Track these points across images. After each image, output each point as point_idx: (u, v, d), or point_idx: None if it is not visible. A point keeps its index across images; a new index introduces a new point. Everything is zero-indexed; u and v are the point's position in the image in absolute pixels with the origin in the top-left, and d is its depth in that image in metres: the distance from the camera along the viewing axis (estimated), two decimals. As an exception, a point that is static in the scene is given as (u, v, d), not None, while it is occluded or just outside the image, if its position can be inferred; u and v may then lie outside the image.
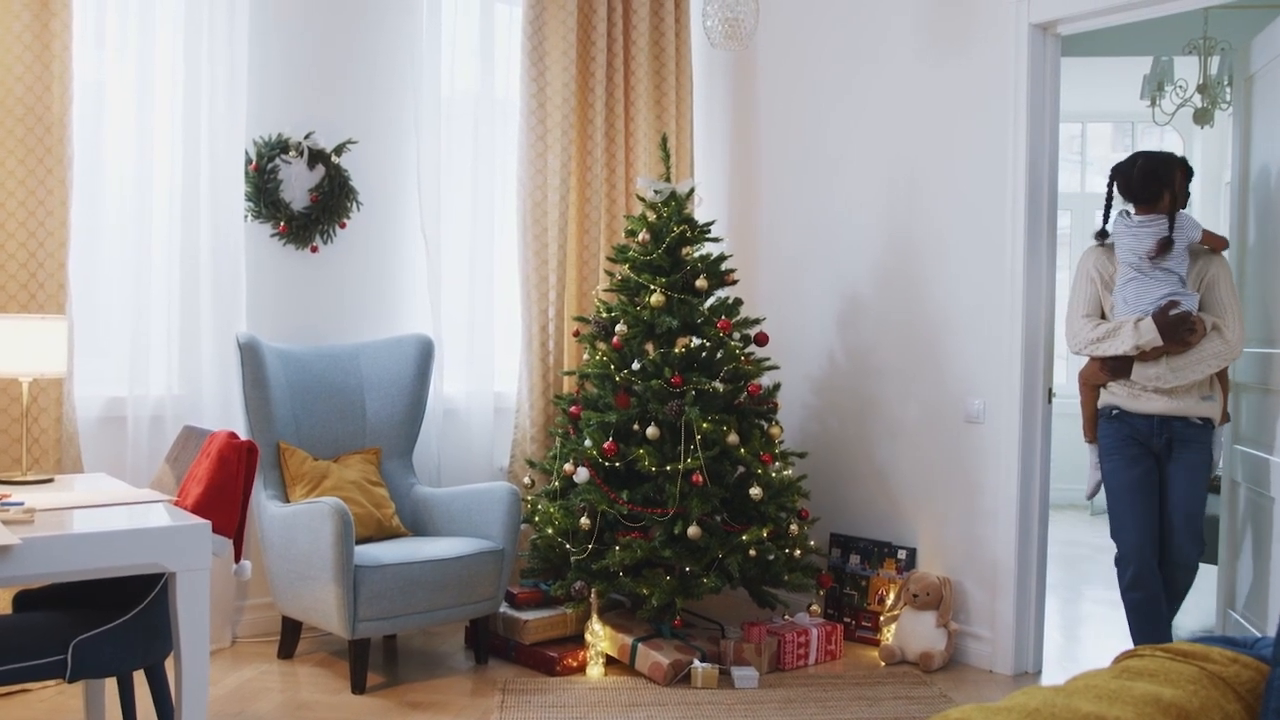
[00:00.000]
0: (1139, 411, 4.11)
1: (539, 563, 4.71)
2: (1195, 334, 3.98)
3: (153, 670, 3.12)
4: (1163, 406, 4.06)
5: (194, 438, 3.39)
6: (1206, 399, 4.07)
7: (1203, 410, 4.06)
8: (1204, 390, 4.08)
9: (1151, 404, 4.08)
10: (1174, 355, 4.01)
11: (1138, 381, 4.09)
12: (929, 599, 4.65)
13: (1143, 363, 4.06)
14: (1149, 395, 4.08)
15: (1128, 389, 4.13)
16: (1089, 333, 4.18)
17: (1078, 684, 1.60)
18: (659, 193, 4.82)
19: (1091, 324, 4.18)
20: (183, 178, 4.57)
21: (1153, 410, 4.08)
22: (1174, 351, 4.00)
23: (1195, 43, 6.34)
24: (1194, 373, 4.01)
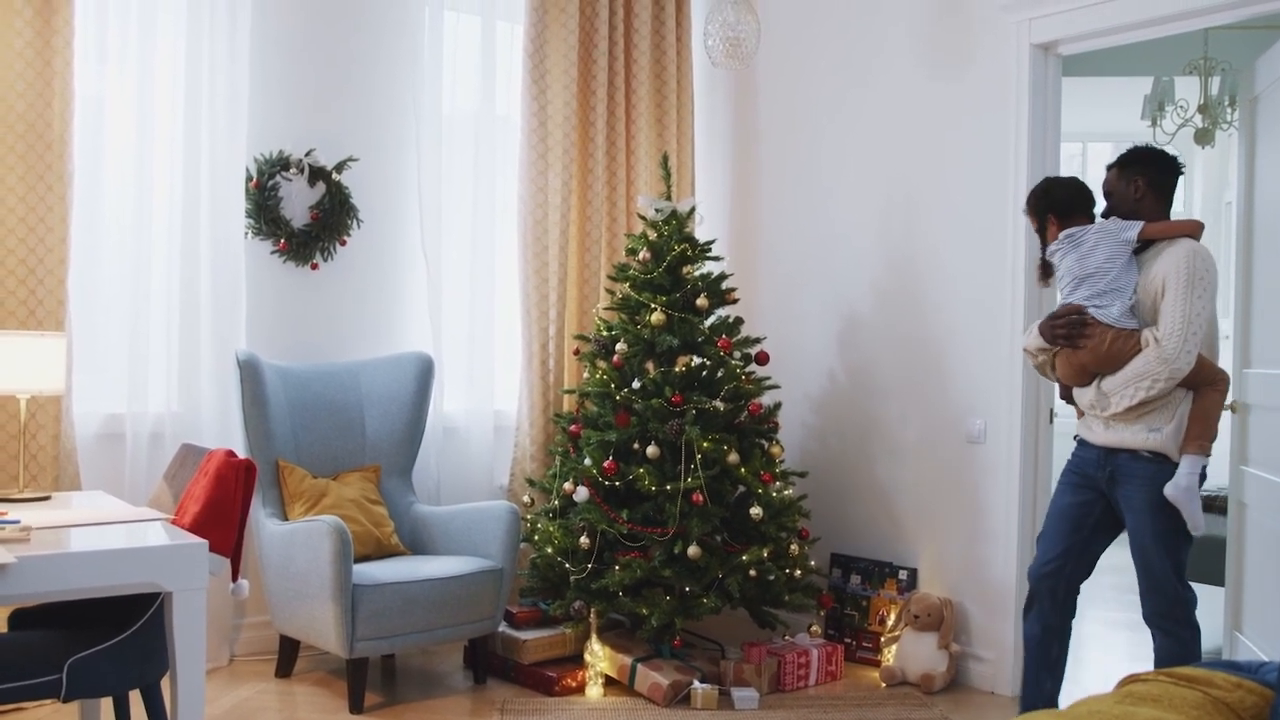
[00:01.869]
0: (1088, 440, 3.68)
1: (538, 582, 4.69)
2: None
3: (149, 690, 3.10)
4: (1101, 436, 3.59)
5: (192, 455, 3.38)
6: (1155, 431, 3.47)
7: (1149, 443, 3.47)
8: (1157, 420, 3.47)
9: (1094, 433, 3.64)
10: (1106, 376, 3.54)
11: (1083, 407, 3.69)
12: (930, 620, 4.62)
13: (1081, 388, 3.66)
14: (1096, 423, 3.63)
15: (1083, 416, 3.72)
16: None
17: (1080, 710, 1.59)
18: (660, 211, 4.82)
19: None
20: (183, 194, 4.56)
21: (1094, 440, 3.63)
22: (1105, 370, 3.54)
23: (1196, 63, 6.35)
24: (1125, 397, 3.48)
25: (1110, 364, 3.51)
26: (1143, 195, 3.65)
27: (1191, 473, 3.44)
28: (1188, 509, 3.44)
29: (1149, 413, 3.49)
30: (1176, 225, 3.59)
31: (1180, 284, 3.43)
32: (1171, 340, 3.41)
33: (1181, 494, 3.43)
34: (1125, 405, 3.48)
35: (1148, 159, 3.69)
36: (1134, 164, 3.68)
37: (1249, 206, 4.57)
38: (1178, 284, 3.43)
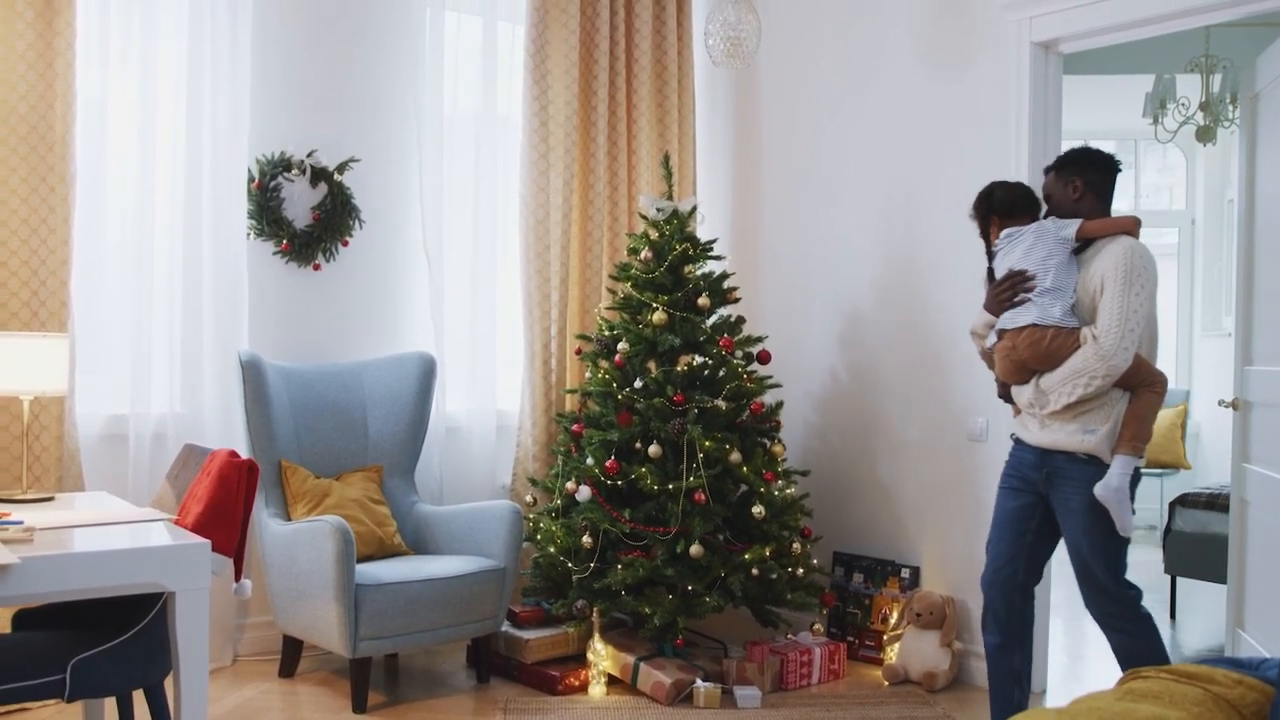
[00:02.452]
0: (1024, 440, 3.65)
1: (541, 581, 4.70)
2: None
3: (152, 690, 3.10)
4: (1037, 436, 3.56)
5: (195, 456, 3.38)
6: (1090, 433, 3.43)
7: (1084, 445, 3.43)
8: (1093, 421, 3.44)
9: (1030, 432, 3.60)
10: (1044, 374, 3.51)
11: (1022, 406, 3.65)
12: (932, 618, 4.63)
13: (1020, 385, 3.62)
14: (1033, 422, 3.59)
15: (1019, 415, 3.70)
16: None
17: (1081, 706, 1.59)
18: (661, 211, 4.82)
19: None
20: (185, 195, 4.57)
21: (1030, 440, 3.60)
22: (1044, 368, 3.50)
23: (1197, 61, 6.35)
24: (1062, 394, 3.44)
25: (1049, 361, 3.48)
26: (1081, 196, 3.63)
27: (1123, 473, 3.40)
28: (1116, 510, 3.40)
29: (1085, 412, 3.45)
30: (1114, 222, 3.58)
31: (1118, 281, 3.41)
32: (1109, 337, 3.39)
33: (1111, 494, 3.40)
34: (1063, 403, 3.45)
35: (1085, 160, 3.67)
36: (1071, 165, 3.66)
37: (1250, 204, 4.57)
38: (1115, 281, 3.42)
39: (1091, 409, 3.45)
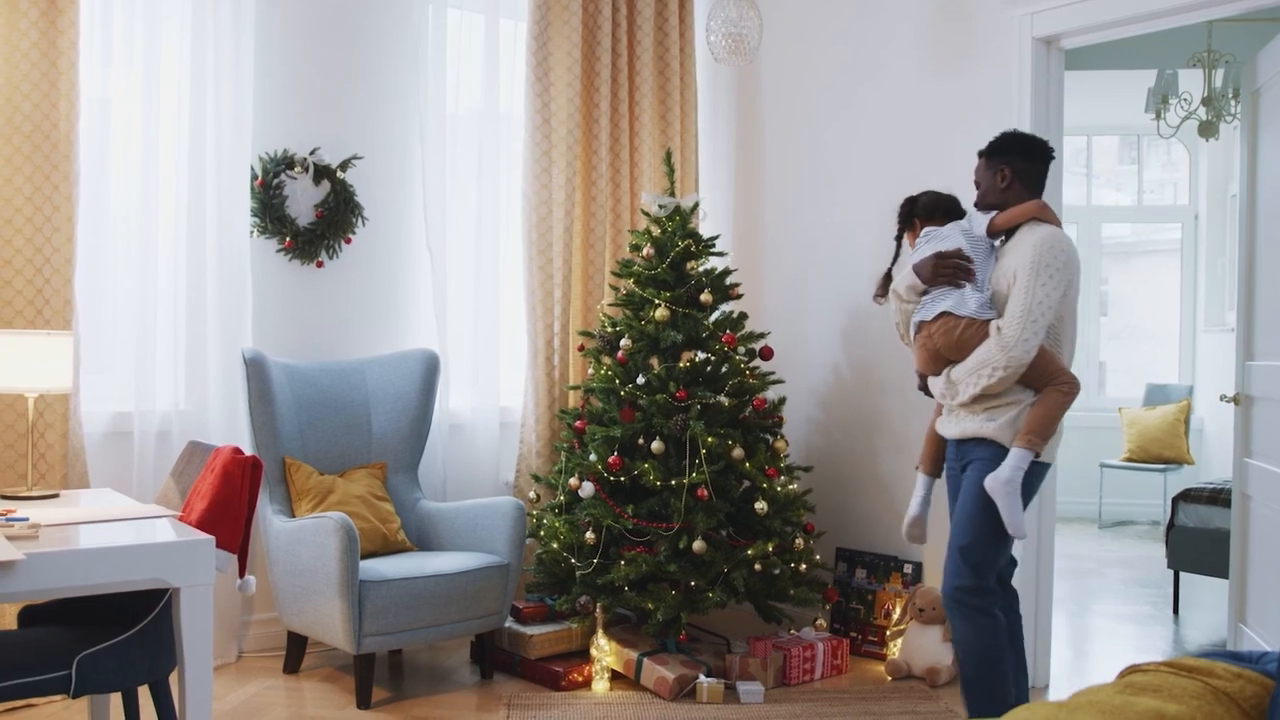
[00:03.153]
0: (943, 434, 3.66)
1: (544, 577, 4.71)
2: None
3: (157, 686, 3.12)
4: (952, 429, 3.57)
5: (199, 453, 3.40)
6: (992, 420, 3.42)
7: (985, 430, 3.42)
8: (997, 414, 3.42)
9: (947, 427, 3.62)
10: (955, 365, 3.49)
11: (937, 397, 3.64)
12: (935, 613, 4.63)
13: (935, 376, 3.62)
14: (950, 415, 3.61)
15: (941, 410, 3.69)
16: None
17: (1081, 699, 1.60)
18: (664, 207, 4.83)
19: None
20: (188, 194, 4.59)
21: (948, 434, 3.62)
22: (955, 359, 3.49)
23: (1199, 56, 6.35)
24: (968, 385, 3.43)
25: (960, 352, 3.47)
26: (1009, 184, 3.56)
27: (1015, 466, 3.34)
28: (1002, 504, 3.34)
29: (992, 406, 3.44)
30: (1019, 211, 3.51)
31: (1026, 273, 3.37)
32: (1010, 328, 3.35)
33: (1000, 487, 3.34)
34: (969, 394, 3.44)
35: (1014, 146, 3.58)
36: (999, 153, 3.58)
37: (1252, 199, 4.58)
38: (1024, 273, 3.38)
39: (999, 404, 3.43)
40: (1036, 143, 3.60)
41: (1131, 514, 9.02)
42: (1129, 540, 8.25)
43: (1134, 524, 8.91)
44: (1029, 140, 3.59)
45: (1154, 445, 8.54)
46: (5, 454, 4.10)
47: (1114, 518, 8.99)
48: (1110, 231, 9.77)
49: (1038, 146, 3.59)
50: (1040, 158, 3.59)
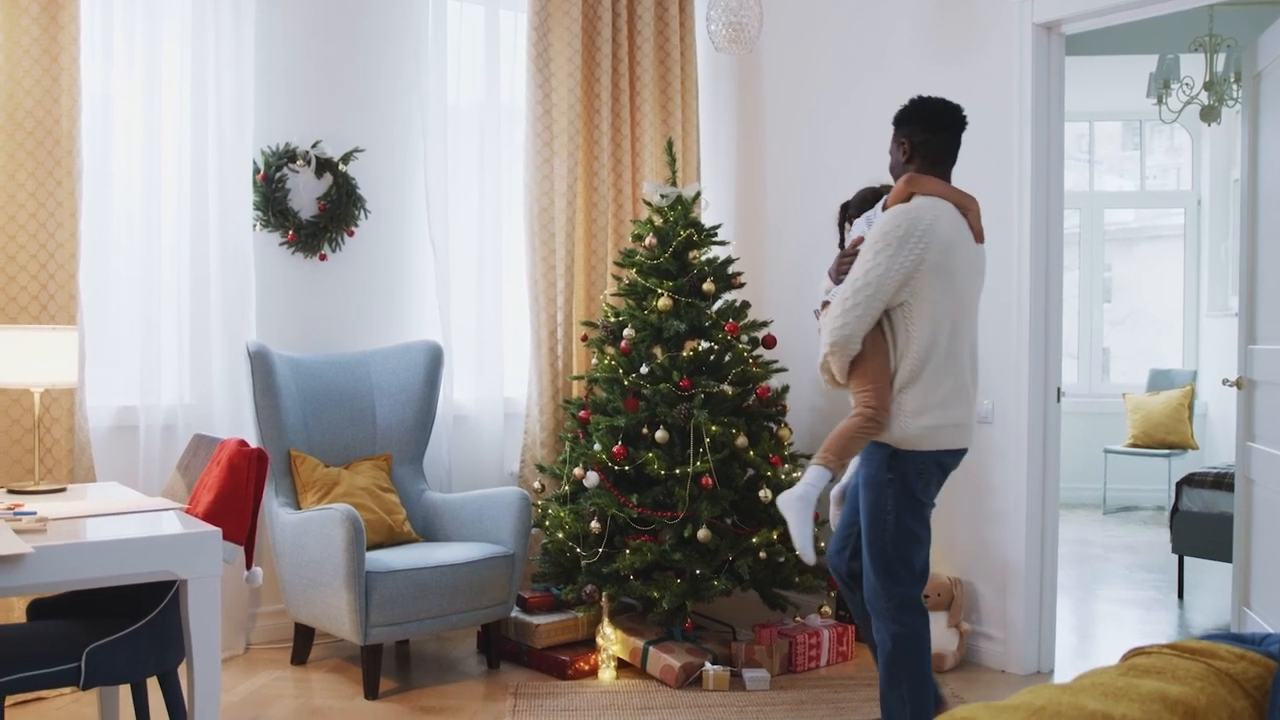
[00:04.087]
0: None
1: (550, 567, 4.72)
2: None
3: (166, 677, 3.13)
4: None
5: (205, 446, 3.41)
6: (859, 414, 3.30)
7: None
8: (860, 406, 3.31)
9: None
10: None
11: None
12: (940, 600, 4.64)
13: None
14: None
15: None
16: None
17: (1084, 682, 1.61)
18: (665, 197, 4.83)
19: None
20: (191, 188, 4.59)
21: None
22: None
23: (1201, 40, 6.34)
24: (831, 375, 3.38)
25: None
26: (909, 158, 3.40)
27: (809, 483, 3.26)
28: (792, 520, 3.24)
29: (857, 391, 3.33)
30: (896, 191, 3.36)
31: (864, 250, 3.26)
32: (833, 307, 3.27)
33: (791, 503, 3.27)
34: (830, 384, 3.41)
35: (915, 116, 3.40)
36: (901, 123, 3.43)
37: (1253, 183, 4.57)
38: (863, 255, 3.26)
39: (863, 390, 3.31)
40: (940, 111, 3.39)
41: (1136, 499, 9.03)
42: (1133, 525, 8.25)
43: (1138, 509, 8.91)
44: (932, 109, 3.40)
45: (1158, 430, 8.54)
46: (12, 449, 4.12)
47: (1118, 503, 9.00)
48: (1113, 217, 9.76)
49: (941, 115, 3.39)
50: (940, 129, 3.38)
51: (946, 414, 3.26)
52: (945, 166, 3.40)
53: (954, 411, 3.28)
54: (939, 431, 3.27)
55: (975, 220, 3.38)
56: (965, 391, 3.32)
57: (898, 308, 3.25)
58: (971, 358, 3.39)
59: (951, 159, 3.41)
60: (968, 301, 3.35)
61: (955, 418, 3.28)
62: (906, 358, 3.26)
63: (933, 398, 3.25)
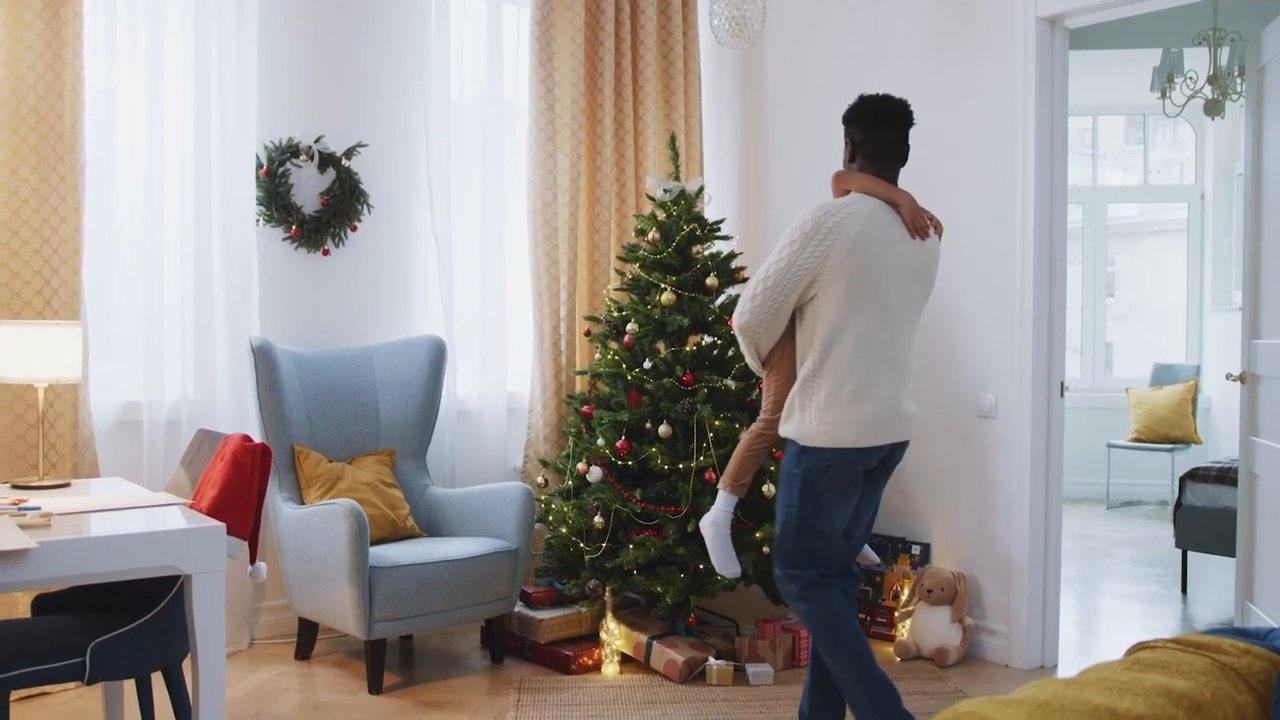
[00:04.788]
0: None
1: (553, 562, 4.72)
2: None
3: (170, 672, 3.14)
4: None
5: (208, 441, 3.41)
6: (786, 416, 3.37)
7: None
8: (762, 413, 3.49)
9: None
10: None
11: None
12: (943, 594, 4.65)
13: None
14: None
15: None
16: None
17: (1089, 676, 1.61)
18: (668, 191, 4.83)
19: None
20: (194, 183, 4.59)
21: None
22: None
23: (1205, 34, 6.32)
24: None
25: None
26: (852, 157, 3.45)
27: (719, 508, 3.49)
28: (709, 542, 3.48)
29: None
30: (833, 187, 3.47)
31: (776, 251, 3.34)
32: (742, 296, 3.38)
33: (707, 528, 3.50)
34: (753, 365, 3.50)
35: (855, 115, 3.42)
36: (845, 122, 3.46)
37: (1257, 177, 4.57)
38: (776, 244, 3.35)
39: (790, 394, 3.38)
40: (880, 110, 3.39)
41: (1139, 494, 9.02)
42: (1137, 520, 8.25)
43: (1142, 504, 8.91)
44: (872, 108, 3.41)
45: (1161, 425, 8.53)
46: (16, 444, 4.13)
47: (1121, 498, 9.00)
48: (1116, 212, 9.75)
49: (881, 114, 3.39)
50: (884, 124, 3.39)
51: (851, 412, 3.26)
52: (887, 163, 3.41)
53: (861, 409, 3.27)
54: (843, 429, 3.26)
55: (908, 216, 3.37)
56: (879, 390, 3.30)
57: (808, 303, 3.31)
58: (897, 355, 3.37)
59: (893, 155, 3.42)
60: (895, 300, 3.33)
61: (863, 415, 3.27)
62: (810, 353, 3.30)
63: (837, 395, 3.26)
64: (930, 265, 3.45)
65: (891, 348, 3.33)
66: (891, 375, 3.34)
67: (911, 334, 3.43)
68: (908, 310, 3.39)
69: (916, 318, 3.44)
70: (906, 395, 3.41)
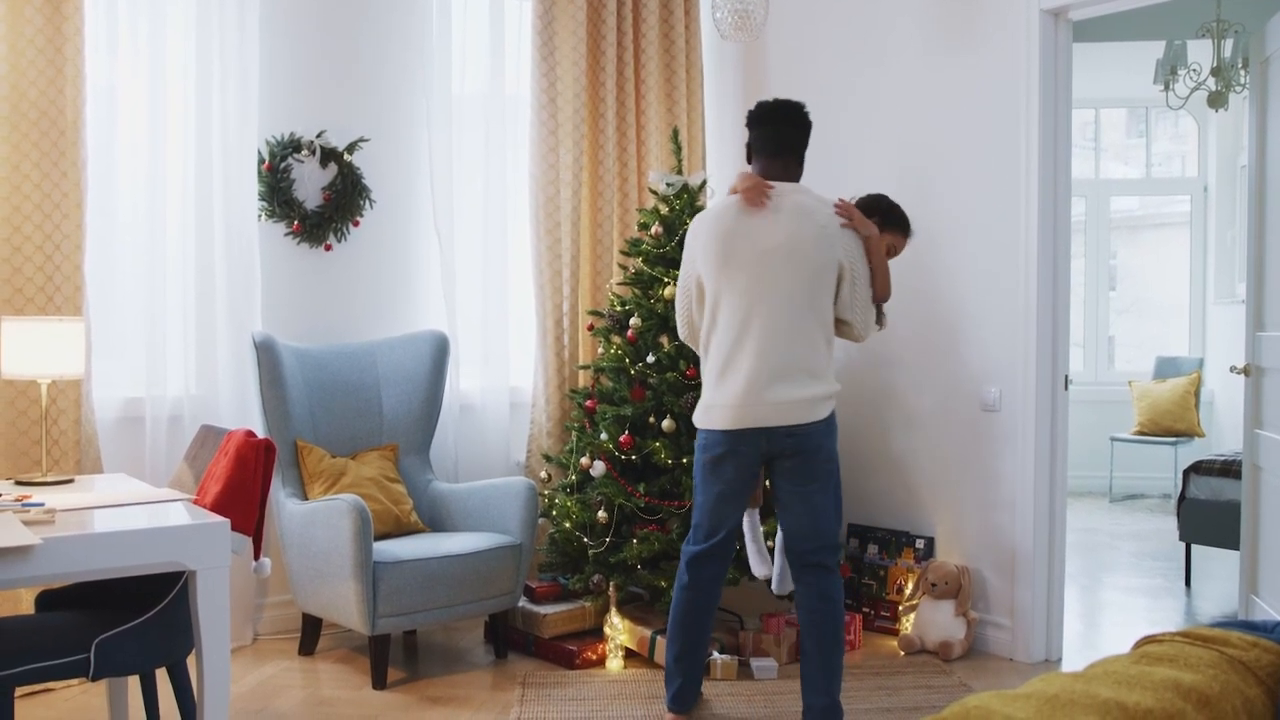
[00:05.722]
0: None
1: (557, 557, 4.72)
2: None
3: (175, 668, 3.14)
4: None
5: (212, 436, 3.41)
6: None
7: None
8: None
9: None
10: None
11: None
12: (947, 588, 4.64)
13: None
14: None
15: None
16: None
17: (1097, 670, 1.60)
18: (671, 186, 4.82)
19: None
20: (196, 178, 4.59)
21: None
22: None
23: (1208, 26, 6.31)
24: None
25: None
26: (749, 158, 3.72)
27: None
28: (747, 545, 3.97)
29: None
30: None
31: None
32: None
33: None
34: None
35: (746, 120, 3.70)
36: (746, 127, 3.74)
37: (1261, 169, 4.56)
38: None
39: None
40: (759, 109, 3.65)
41: (1142, 487, 9.02)
42: (1140, 513, 8.24)
43: (1145, 497, 8.90)
44: (754, 109, 3.66)
45: (1164, 418, 8.52)
46: (19, 440, 4.13)
47: (1125, 491, 8.99)
48: (1119, 205, 9.73)
49: (760, 113, 3.64)
50: (763, 123, 3.64)
51: (714, 395, 3.55)
52: (771, 157, 3.64)
53: (719, 393, 3.53)
54: (711, 411, 3.56)
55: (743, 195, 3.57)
56: (739, 374, 3.49)
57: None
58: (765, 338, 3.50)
59: (777, 149, 3.64)
60: (762, 284, 3.51)
61: (719, 399, 3.52)
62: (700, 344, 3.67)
63: (708, 380, 3.59)
64: (804, 244, 3.53)
65: (759, 332, 3.49)
66: (755, 359, 3.48)
67: (800, 315, 3.51)
68: (780, 292, 3.51)
69: (804, 298, 3.52)
70: (783, 378, 3.49)
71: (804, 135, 3.71)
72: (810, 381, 3.50)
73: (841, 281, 3.56)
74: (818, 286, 3.52)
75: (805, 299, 3.50)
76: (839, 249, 3.55)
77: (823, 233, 3.53)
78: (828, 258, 3.53)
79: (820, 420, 3.53)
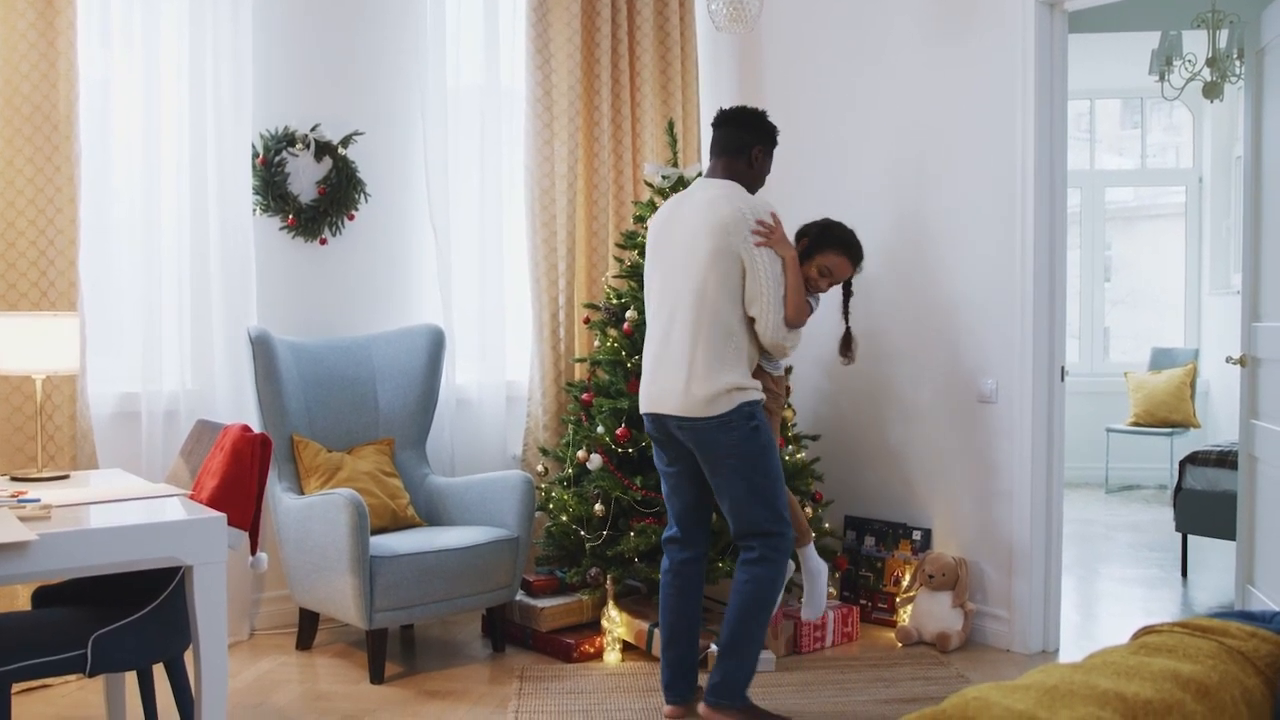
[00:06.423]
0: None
1: (554, 550, 4.72)
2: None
3: (172, 663, 3.14)
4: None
5: (208, 431, 3.40)
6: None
7: None
8: None
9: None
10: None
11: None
12: (945, 580, 4.65)
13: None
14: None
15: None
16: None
17: (1096, 661, 1.61)
18: (667, 178, 4.81)
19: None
20: (190, 172, 4.57)
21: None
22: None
23: (1203, 16, 6.30)
24: None
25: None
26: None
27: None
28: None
29: None
30: None
31: None
32: None
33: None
34: None
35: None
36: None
37: (1257, 159, 4.55)
38: None
39: None
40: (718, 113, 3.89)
41: (1138, 478, 9.03)
42: (1136, 504, 8.26)
43: (1141, 488, 8.91)
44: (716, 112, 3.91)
45: (1160, 409, 8.53)
46: (14, 436, 4.12)
47: (1121, 482, 9.01)
48: (1113, 196, 9.73)
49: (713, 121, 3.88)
50: (713, 128, 3.87)
51: (643, 382, 3.77)
52: (715, 158, 3.81)
53: (646, 380, 3.76)
54: (642, 398, 3.77)
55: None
56: (648, 362, 3.74)
57: None
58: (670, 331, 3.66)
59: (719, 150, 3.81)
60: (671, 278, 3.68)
61: (645, 386, 3.76)
62: None
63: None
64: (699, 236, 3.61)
65: (664, 322, 3.69)
66: (658, 346, 3.70)
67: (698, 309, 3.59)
68: (682, 284, 3.63)
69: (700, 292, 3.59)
70: (675, 368, 3.61)
71: (750, 136, 3.79)
72: (705, 377, 3.55)
73: (745, 275, 3.59)
74: (716, 279, 3.56)
75: (702, 292, 3.58)
76: (736, 240, 3.56)
77: (720, 224, 3.57)
78: (721, 246, 3.55)
79: (715, 416, 3.54)
